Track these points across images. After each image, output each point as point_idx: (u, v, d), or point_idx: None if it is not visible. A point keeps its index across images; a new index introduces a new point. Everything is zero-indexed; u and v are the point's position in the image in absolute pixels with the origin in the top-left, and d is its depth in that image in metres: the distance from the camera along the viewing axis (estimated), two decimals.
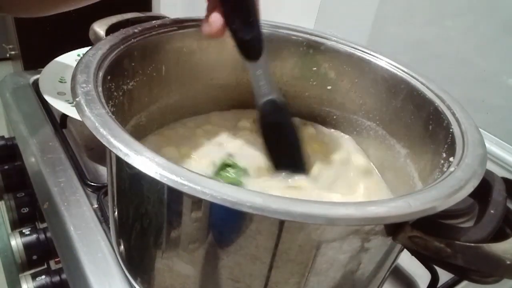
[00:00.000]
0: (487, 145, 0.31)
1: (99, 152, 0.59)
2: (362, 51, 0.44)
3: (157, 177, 0.23)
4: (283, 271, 0.28)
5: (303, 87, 0.49)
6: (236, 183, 0.39)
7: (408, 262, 0.46)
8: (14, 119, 0.63)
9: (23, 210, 0.55)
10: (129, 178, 0.31)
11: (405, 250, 0.30)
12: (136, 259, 0.35)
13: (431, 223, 0.26)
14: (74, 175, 0.52)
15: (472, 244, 0.25)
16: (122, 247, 0.37)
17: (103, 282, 0.39)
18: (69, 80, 0.30)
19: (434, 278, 0.44)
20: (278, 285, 0.29)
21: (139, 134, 0.43)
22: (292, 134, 0.42)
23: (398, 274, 0.46)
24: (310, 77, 0.48)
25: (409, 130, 0.40)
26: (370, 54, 0.44)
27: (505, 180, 0.30)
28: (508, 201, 0.29)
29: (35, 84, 0.70)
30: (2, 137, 0.66)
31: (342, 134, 0.49)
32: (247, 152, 0.43)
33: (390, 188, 0.43)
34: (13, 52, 1.33)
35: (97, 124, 0.26)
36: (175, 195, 0.27)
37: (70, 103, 0.59)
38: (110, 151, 0.25)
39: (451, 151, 0.32)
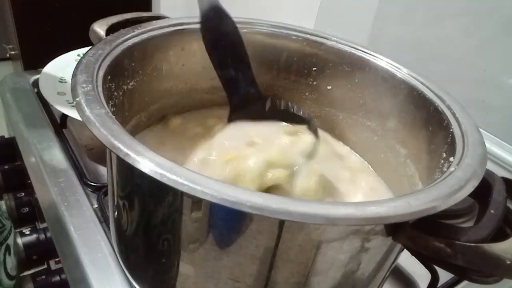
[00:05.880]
0: (487, 145, 0.31)
1: (99, 152, 0.59)
2: (362, 51, 0.44)
3: (157, 177, 0.23)
4: (283, 271, 0.28)
5: (303, 87, 0.49)
6: None
7: (408, 262, 0.46)
8: (14, 119, 0.63)
9: (23, 210, 0.55)
10: (129, 178, 0.31)
11: (405, 250, 0.30)
12: (136, 259, 0.35)
13: (431, 223, 0.26)
14: (74, 175, 0.52)
15: (472, 244, 0.25)
16: (122, 247, 0.37)
17: (103, 282, 0.39)
18: (69, 80, 0.30)
19: (434, 278, 0.44)
20: (278, 285, 0.29)
21: (139, 133, 0.43)
22: (240, 47, 0.40)
23: (398, 274, 0.46)
24: (310, 77, 0.48)
25: (409, 130, 0.40)
26: (370, 54, 0.44)
27: (505, 180, 0.30)
28: (508, 201, 0.29)
29: (35, 84, 0.70)
30: (2, 137, 0.66)
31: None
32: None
33: (390, 187, 0.43)
34: (13, 52, 1.33)
35: (97, 124, 0.26)
36: (175, 195, 0.27)
37: (70, 103, 0.59)
38: (110, 151, 0.25)
39: (451, 151, 0.32)
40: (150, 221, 0.30)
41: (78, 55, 0.73)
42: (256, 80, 0.42)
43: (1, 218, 0.45)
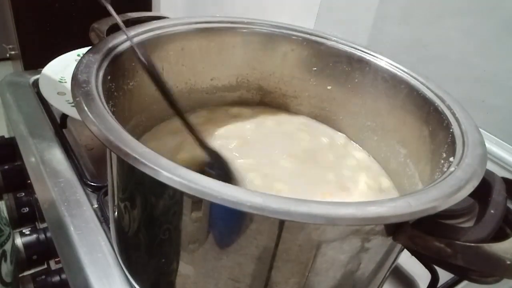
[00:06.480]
0: (487, 145, 0.31)
1: (99, 152, 0.59)
2: (362, 51, 0.44)
3: (157, 177, 0.23)
4: (283, 271, 0.28)
5: (303, 87, 0.49)
6: None
7: (408, 262, 0.46)
8: (14, 119, 0.63)
9: (23, 210, 0.55)
10: (129, 178, 0.31)
11: (405, 250, 0.30)
12: (136, 259, 0.35)
13: (431, 223, 0.26)
14: (74, 175, 0.52)
15: (472, 244, 0.25)
16: (122, 247, 0.37)
17: (103, 282, 0.39)
18: (69, 80, 0.30)
19: (434, 278, 0.44)
20: (278, 285, 0.29)
21: (140, 133, 0.43)
22: None
23: (398, 274, 0.46)
24: (310, 77, 0.48)
25: (409, 130, 0.40)
26: (370, 54, 0.44)
27: (505, 180, 0.30)
28: (508, 201, 0.29)
29: (35, 84, 0.70)
30: (2, 137, 0.66)
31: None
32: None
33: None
34: (13, 52, 1.33)
35: (97, 124, 0.26)
36: (175, 195, 0.27)
37: (70, 103, 0.59)
38: (110, 151, 0.25)
39: (451, 151, 0.32)
40: (150, 221, 0.30)
41: (78, 55, 0.73)
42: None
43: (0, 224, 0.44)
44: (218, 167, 0.38)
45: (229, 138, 0.44)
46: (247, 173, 0.40)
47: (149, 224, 0.30)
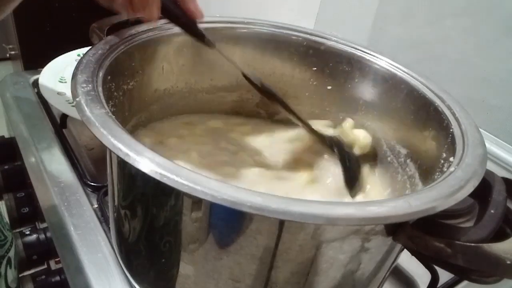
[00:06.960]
0: (487, 145, 0.31)
1: (99, 152, 0.59)
2: (362, 51, 0.44)
3: (157, 177, 0.23)
4: (283, 271, 0.28)
5: (303, 87, 0.49)
6: None
7: (408, 262, 0.46)
8: (14, 119, 0.63)
9: (23, 210, 0.55)
10: (129, 178, 0.31)
11: (405, 250, 0.30)
12: (136, 259, 0.35)
13: (431, 223, 0.26)
14: (74, 175, 0.52)
15: (472, 244, 0.25)
16: (122, 247, 0.37)
17: (103, 282, 0.39)
18: (69, 80, 0.30)
19: (434, 278, 0.44)
20: (278, 285, 0.29)
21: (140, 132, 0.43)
22: None
23: (398, 274, 0.46)
24: (310, 77, 0.48)
25: (409, 130, 0.40)
26: (370, 54, 0.44)
27: (505, 180, 0.30)
28: (508, 201, 0.29)
29: (35, 84, 0.70)
30: (2, 137, 0.66)
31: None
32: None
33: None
34: (13, 52, 1.33)
35: (97, 124, 0.26)
36: (175, 195, 0.27)
37: (70, 103, 0.59)
38: (110, 151, 0.25)
39: (451, 151, 0.32)
40: (150, 221, 0.30)
41: (78, 55, 0.73)
42: None
43: (3, 230, 0.44)
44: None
45: None
46: None
47: (149, 224, 0.30)
